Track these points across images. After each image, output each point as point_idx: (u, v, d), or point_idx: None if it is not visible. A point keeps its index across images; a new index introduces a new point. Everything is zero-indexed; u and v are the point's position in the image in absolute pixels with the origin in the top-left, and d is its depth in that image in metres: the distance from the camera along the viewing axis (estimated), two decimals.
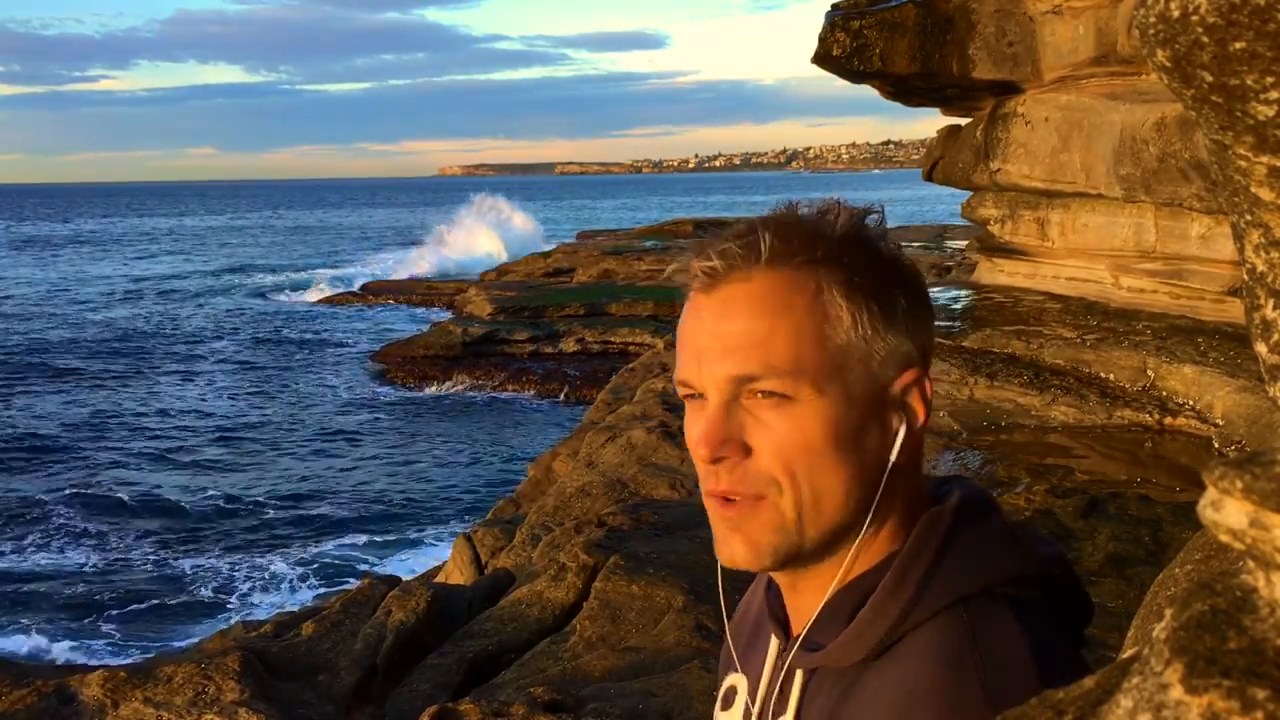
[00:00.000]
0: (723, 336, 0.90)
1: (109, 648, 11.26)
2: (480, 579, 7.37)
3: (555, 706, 4.59)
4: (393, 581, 6.70)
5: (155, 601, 12.65)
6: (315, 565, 13.78)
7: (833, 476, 0.89)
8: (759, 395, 0.89)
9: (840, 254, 0.91)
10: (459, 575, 8.12)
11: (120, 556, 14.14)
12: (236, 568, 13.75)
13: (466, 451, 18.98)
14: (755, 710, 1.01)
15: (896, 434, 0.91)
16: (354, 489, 16.90)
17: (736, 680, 1.06)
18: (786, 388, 0.88)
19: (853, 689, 0.89)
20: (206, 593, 13.03)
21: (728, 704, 1.07)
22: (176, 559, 14.07)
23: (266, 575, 13.53)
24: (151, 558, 14.11)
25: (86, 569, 13.76)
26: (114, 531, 15.05)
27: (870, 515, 0.91)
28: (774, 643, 0.99)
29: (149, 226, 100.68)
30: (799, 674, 0.95)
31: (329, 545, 14.50)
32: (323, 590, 12.39)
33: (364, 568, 13.30)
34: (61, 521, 15.55)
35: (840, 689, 0.91)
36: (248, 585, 13.24)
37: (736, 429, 0.90)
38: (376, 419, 21.45)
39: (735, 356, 0.90)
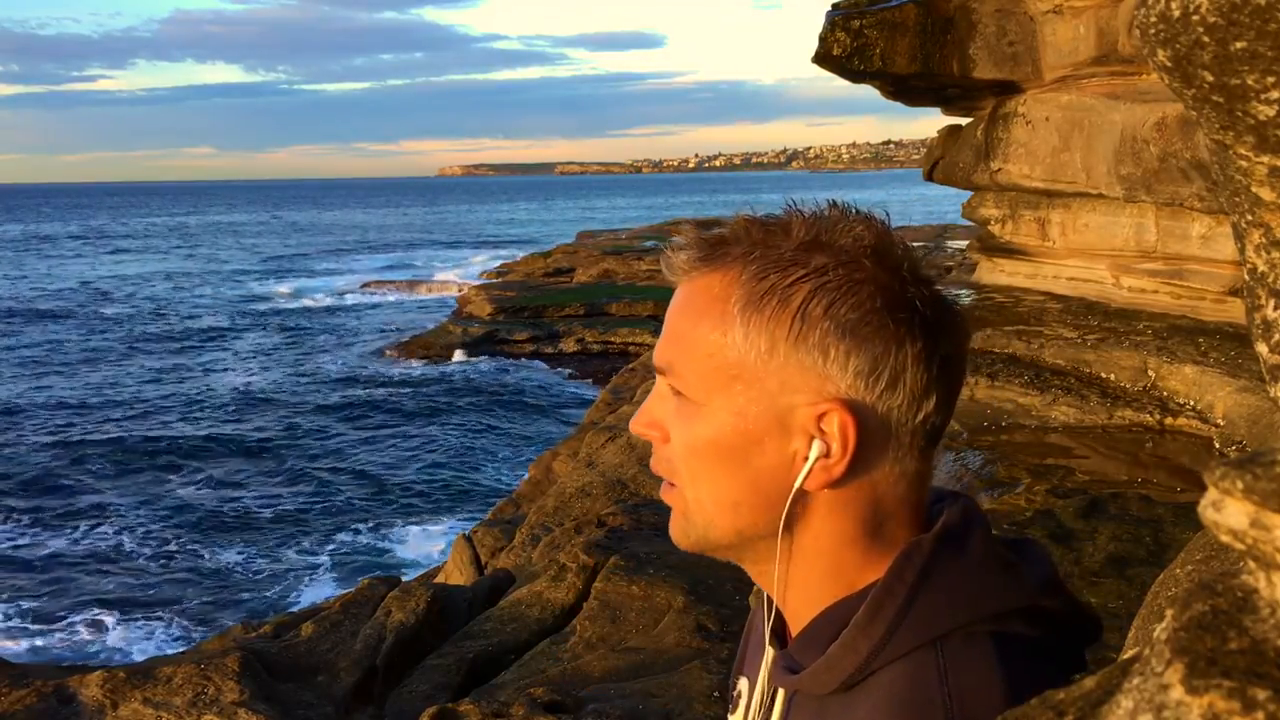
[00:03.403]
0: (664, 327, 0.94)
1: (147, 639, 11.38)
2: (480, 579, 7.36)
3: (555, 707, 4.59)
4: (393, 582, 6.69)
5: (198, 594, 12.75)
6: (345, 556, 13.91)
7: (714, 485, 0.90)
8: (672, 389, 0.93)
9: (770, 266, 0.87)
10: (459, 575, 8.11)
11: (157, 550, 14.20)
12: (273, 560, 13.85)
13: (485, 442, 19.35)
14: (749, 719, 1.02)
15: (805, 459, 0.87)
16: (357, 485, 16.97)
17: (743, 685, 1.07)
18: (683, 389, 0.91)
19: (825, 716, 0.89)
20: (246, 583, 13.11)
21: (735, 706, 1.07)
22: (217, 551, 14.16)
23: (298, 567, 13.63)
24: (190, 550, 14.19)
25: (123, 560, 13.84)
26: (153, 525, 15.16)
27: (783, 533, 0.89)
28: (769, 653, 0.98)
29: (155, 225, 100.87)
30: (782, 692, 0.95)
31: (362, 537, 14.66)
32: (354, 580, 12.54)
33: (402, 559, 13.38)
34: (102, 514, 15.64)
35: (815, 715, 0.90)
36: (282, 577, 13.33)
37: (661, 414, 0.94)
38: (386, 410, 21.66)
39: (661, 349, 0.94)
